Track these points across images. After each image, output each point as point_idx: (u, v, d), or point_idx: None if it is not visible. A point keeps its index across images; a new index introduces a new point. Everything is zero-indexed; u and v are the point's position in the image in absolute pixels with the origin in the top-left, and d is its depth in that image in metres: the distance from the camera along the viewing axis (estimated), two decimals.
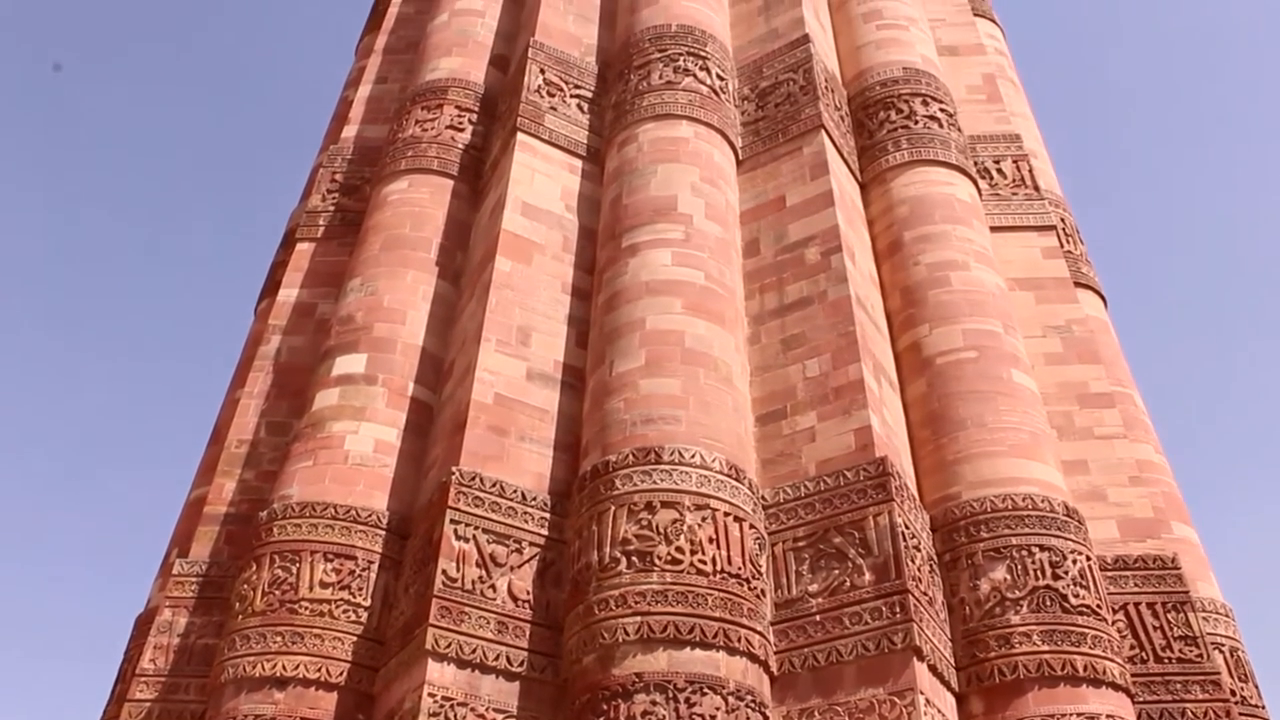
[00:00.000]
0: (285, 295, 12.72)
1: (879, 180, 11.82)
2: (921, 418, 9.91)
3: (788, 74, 12.17)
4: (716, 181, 11.02)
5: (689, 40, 12.37)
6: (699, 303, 9.76)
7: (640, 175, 10.94)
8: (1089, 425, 10.71)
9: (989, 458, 9.41)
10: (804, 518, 8.68)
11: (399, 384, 10.51)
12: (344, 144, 14.23)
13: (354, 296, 11.24)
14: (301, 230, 13.34)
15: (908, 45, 13.26)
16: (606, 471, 8.66)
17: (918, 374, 10.15)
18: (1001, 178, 12.81)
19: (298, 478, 9.86)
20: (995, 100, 13.93)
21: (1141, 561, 9.71)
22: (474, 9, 14.42)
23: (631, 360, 9.34)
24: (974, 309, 10.43)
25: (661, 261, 10.04)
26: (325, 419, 10.24)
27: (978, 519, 9.00)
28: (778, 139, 11.60)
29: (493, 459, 9.11)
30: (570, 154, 11.85)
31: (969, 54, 14.55)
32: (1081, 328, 11.50)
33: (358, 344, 10.77)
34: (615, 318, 9.79)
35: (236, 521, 10.88)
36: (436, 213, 11.96)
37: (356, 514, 9.51)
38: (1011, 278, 11.51)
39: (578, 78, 12.72)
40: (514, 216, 10.83)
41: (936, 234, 11.07)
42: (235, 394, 12.53)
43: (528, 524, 8.83)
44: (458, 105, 13.04)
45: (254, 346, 12.73)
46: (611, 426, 9.01)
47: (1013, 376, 10.00)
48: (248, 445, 11.51)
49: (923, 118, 12.24)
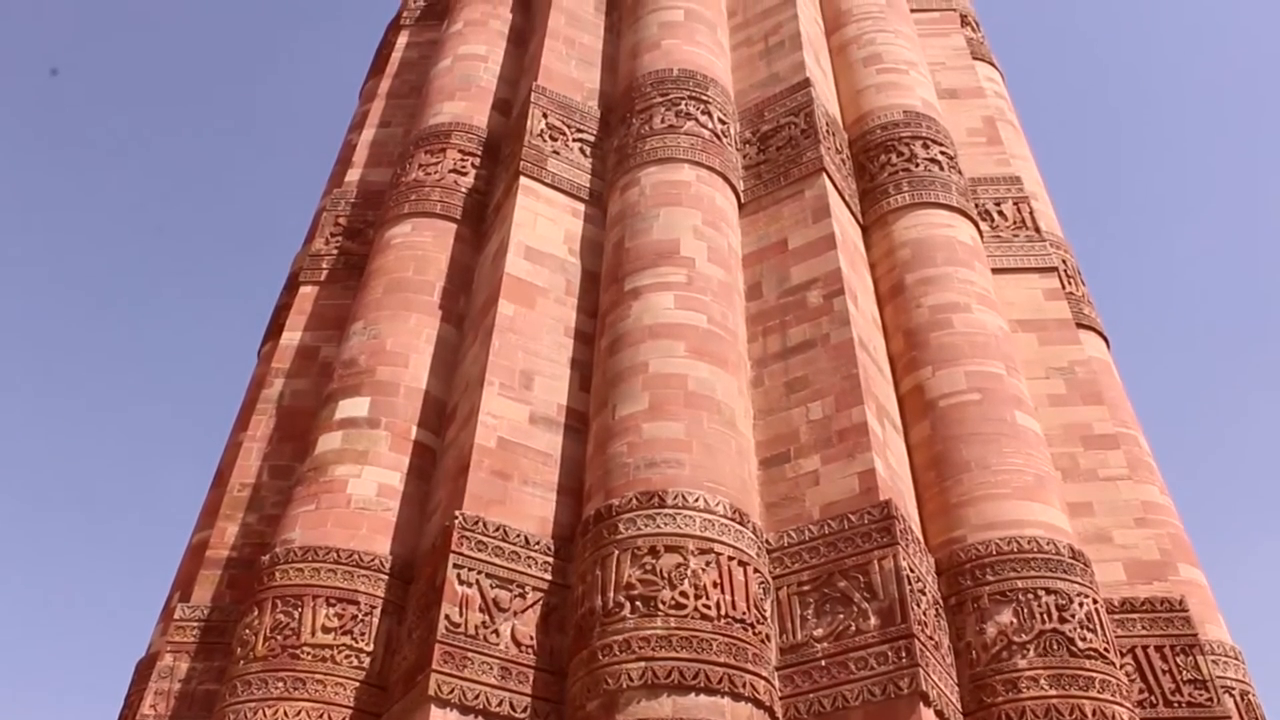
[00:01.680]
0: (288, 338, 12.73)
1: (880, 223, 11.85)
2: (925, 460, 9.87)
3: (789, 118, 12.24)
4: (719, 225, 11.05)
5: (690, 84, 12.46)
6: (702, 346, 9.76)
7: (643, 219, 10.98)
8: (1093, 467, 10.66)
9: (993, 500, 9.37)
10: (808, 561, 8.63)
11: (402, 428, 10.50)
12: (348, 188, 14.30)
13: (357, 340, 11.25)
14: (305, 273, 13.38)
15: (908, 89, 13.34)
16: (610, 516, 8.63)
17: (921, 416, 10.13)
18: (1003, 220, 12.84)
19: (300, 521, 9.84)
20: (995, 143, 13.98)
21: (1149, 604, 9.63)
22: (477, 54, 14.54)
23: (635, 404, 9.34)
24: (977, 351, 10.42)
25: (664, 305, 10.05)
26: (328, 462, 10.22)
27: (983, 562, 8.95)
28: (779, 182, 11.64)
29: (496, 503, 9.09)
30: (573, 198, 11.91)
31: (969, 97, 14.63)
32: (1084, 369, 11.47)
33: (361, 387, 10.77)
34: (618, 361, 9.79)
35: (239, 565, 10.83)
36: (440, 256, 12.01)
37: (359, 558, 9.48)
38: (1014, 319, 11.50)
39: (580, 122, 12.79)
40: (517, 260, 10.86)
41: (938, 276, 11.08)
42: (238, 437, 12.52)
43: (531, 569, 8.79)
44: (461, 149, 13.13)
45: (257, 389, 12.74)
46: (615, 471, 8.99)
47: (1016, 418, 9.98)
48: (250, 489, 11.49)
49: (923, 160, 12.29)
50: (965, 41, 15.88)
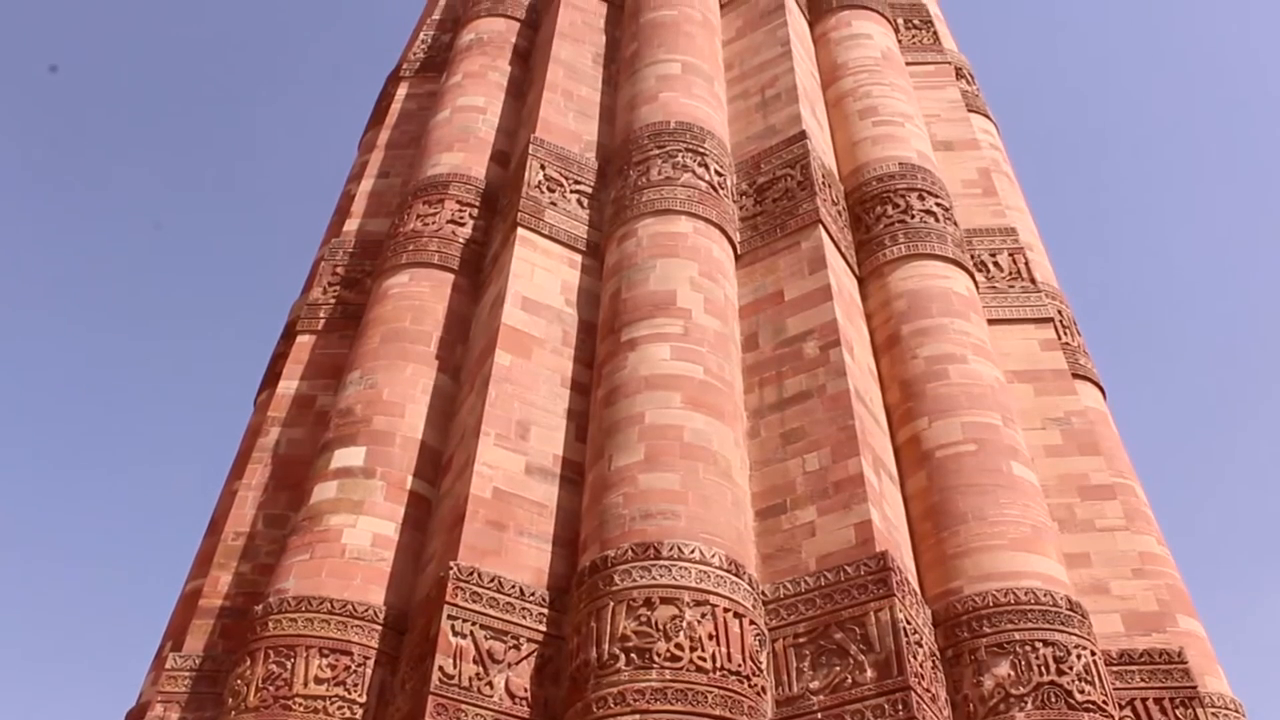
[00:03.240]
0: (285, 387, 12.72)
1: (876, 274, 11.91)
2: (922, 511, 9.86)
3: (785, 170, 12.33)
4: (715, 276, 11.10)
5: (687, 137, 12.55)
6: (698, 397, 9.77)
7: (639, 270, 11.03)
8: (1090, 517, 10.65)
9: (990, 551, 9.35)
10: (805, 613, 8.59)
11: (398, 477, 10.48)
12: (346, 237, 14.35)
13: (353, 389, 11.26)
14: (302, 322, 13.39)
15: (903, 141, 13.44)
16: (605, 567, 8.60)
17: (918, 467, 10.12)
18: (998, 271, 12.90)
19: (294, 571, 9.79)
20: (991, 194, 14.07)
21: (1147, 656, 9.59)
22: (476, 105, 14.65)
23: (630, 455, 9.33)
24: (973, 402, 10.43)
25: (660, 356, 10.07)
26: (323, 512, 10.20)
27: (980, 614, 8.91)
28: (776, 234, 11.70)
29: (491, 554, 9.05)
30: (570, 249, 11.95)
31: (964, 149, 14.73)
32: (1081, 419, 11.48)
33: (357, 437, 10.76)
34: (614, 412, 9.80)
35: (232, 615, 10.76)
36: (437, 306, 12.04)
37: (353, 609, 9.43)
38: (1010, 370, 11.52)
39: (578, 173, 12.88)
40: (514, 311, 10.89)
41: (934, 327, 11.11)
42: (233, 485, 12.49)
43: (526, 620, 8.75)
44: (459, 200, 13.19)
45: (253, 438, 12.72)
46: (610, 521, 8.97)
47: (1013, 469, 9.97)
48: (245, 537, 11.43)
49: (919, 212, 12.37)
50: (960, 94, 16.00)
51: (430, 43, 17.60)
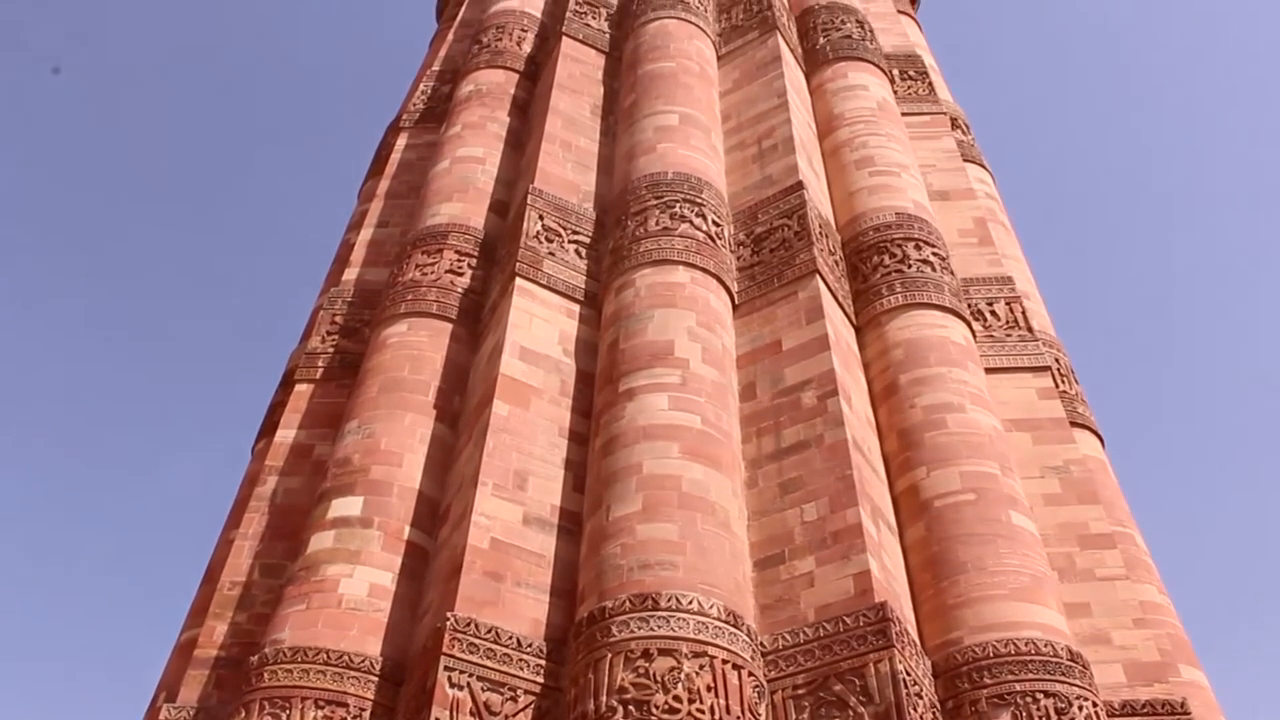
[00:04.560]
0: (283, 436, 12.71)
1: (874, 323, 11.94)
2: (921, 561, 9.83)
3: (782, 220, 12.39)
4: (713, 326, 11.13)
5: (685, 187, 12.63)
6: (696, 447, 9.77)
7: (637, 320, 11.06)
8: (1090, 566, 10.62)
9: (990, 601, 9.31)
10: (803, 665, 8.54)
11: (395, 527, 10.45)
12: (345, 286, 14.38)
13: (351, 438, 11.25)
14: (300, 371, 13.39)
15: (900, 191, 13.51)
16: (603, 618, 8.55)
17: (916, 517, 10.10)
18: (995, 319, 12.94)
19: (290, 621, 9.74)
20: (987, 243, 14.14)
21: (1150, 706, 9.53)
22: (475, 156, 14.74)
23: (628, 505, 9.32)
24: (971, 451, 10.42)
25: (658, 406, 10.08)
26: (320, 562, 10.15)
27: (980, 664, 8.86)
28: (773, 283, 11.75)
29: (488, 604, 9.02)
30: (568, 299, 11.99)
31: (960, 198, 14.81)
32: (1080, 468, 11.47)
33: (354, 486, 10.74)
34: (612, 462, 9.79)
35: (227, 665, 10.68)
36: (435, 356, 12.05)
37: (349, 660, 9.36)
38: (1008, 419, 11.52)
39: (576, 223, 12.94)
40: (512, 361, 10.90)
41: (932, 376, 11.12)
42: (230, 534, 12.43)
43: (523, 671, 8.70)
44: (457, 250, 13.24)
45: (250, 487, 12.68)
46: (608, 572, 8.94)
47: (1012, 518, 9.95)
48: (241, 587, 11.37)
49: (916, 261, 12.42)
50: (956, 144, 16.13)
51: (430, 93, 17.73)
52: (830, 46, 16.30)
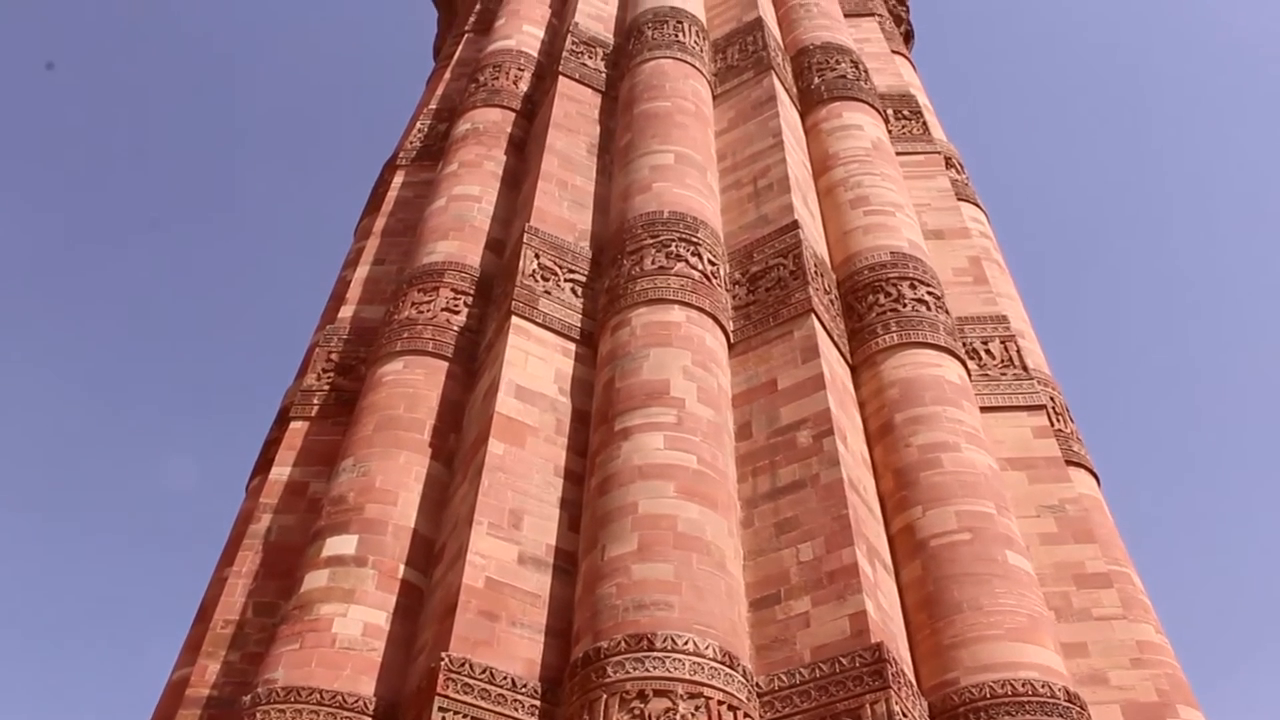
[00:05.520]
0: (278, 473, 12.69)
1: (869, 362, 11.96)
2: (917, 601, 9.80)
3: (778, 259, 12.43)
4: (709, 365, 11.14)
5: (681, 226, 12.67)
6: (692, 486, 9.75)
7: (633, 359, 11.07)
8: (1087, 606, 10.58)
9: (986, 642, 9.27)
10: (800, 705, 8.49)
11: (390, 566, 10.41)
12: (341, 324, 14.39)
13: (346, 476, 11.22)
14: (296, 408, 13.39)
15: (894, 230, 13.57)
16: (598, 658, 8.51)
17: (912, 557, 10.08)
18: (990, 358, 12.96)
19: (283, 661, 9.68)
20: (982, 282, 14.18)
21: None
22: (471, 194, 14.80)
23: (624, 544, 9.29)
24: (967, 490, 10.42)
25: (654, 445, 10.07)
26: (314, 601, 10.11)
27: (977, 705, 8.81)
28: (769, 323, 11.77)
29: (483, 644, 8.97)
30: (564, 337, 12.01)
31: (954, 237, 14.87)
32: (1075, 507, 11.45)
33: (349, 525, 10.70)
34: (607, 501, 9.78)
35: (219, 705, 10.60)
36: (431, 394, 12.05)
37: (343, 700, 9.30)
38: (1003, 458, 11.52)
39: (572, 262, 12.98)
40: (507, 399, 10.90)
41: (927, 415, 11.13)
42: (223, 572, 12.38)
43: (518, 712, 8.64)
44: (454, 288, 13.27)
45: (244, 524, 12.65)
46: (603, 612, 8.90)
47: (1008, 558, 9.93)
48: (234, 625, 11.32)
49: (911, 301, 12.46)
50: (950, 183, 16.20)
51: (427, 131, 17.81)
52: (825, 86, 16.42)
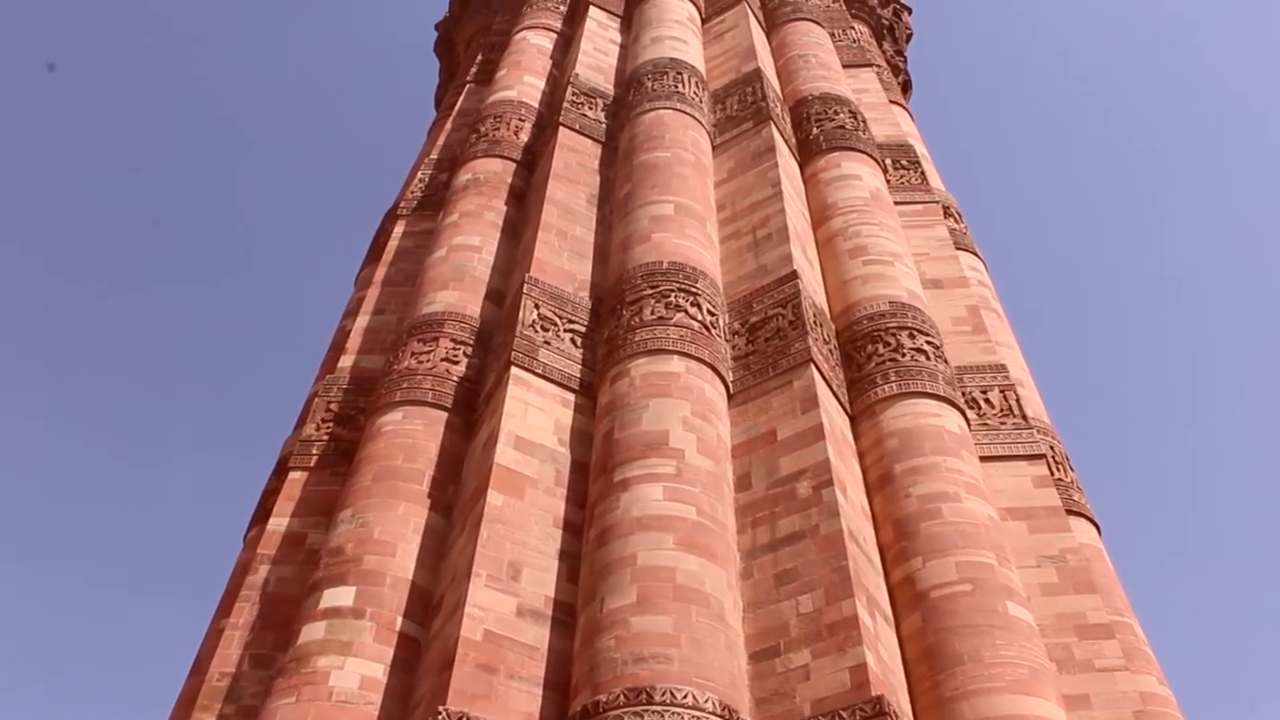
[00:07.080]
0: (275, 524, 12.63)
1: (868, 413, 11.96)
2: (918, 653, 9.74)
3: (777, 309, 12.47)
4: (708, 416, 11.14)
5: (680, 277, 12.71)
6: (691, 538, 9.72)
7: (632, 410, 11.06)
8: (1089, 657, 10.51)
9: (987, 694, 9.21)
10: None
11: (387, 618, 10.35)
12: (340, 374, 14.39)
13: (344, 528, 11.18)
14: (295, 459, 13.35)
15: (893, 280, 13.61)
16: (597, 712, 8.45)
17: (912, 608, 10.03)
18: (990, 407, 12.95)
19: (280, 714, 9.59)
20: (980, 331, 14.19)
21: None
22: (471, 245, 14.85)
23: (623, 597, 9.25)
24: (967, 541, 10.38)
25: (653, 496, 10.05)
26: (311, 653, 10.04)
27: None
28: (768, 373, 11.78)
29: (481, 698, 8.90)
30: (563, 388, 12.01)
31: (953, 286, 14.91)
32: (1076, 557, 11.40)
33: (347, 576, 10.64)
34: (606, 553, 9.74)
35: None
36: (430, 444, 12.03)
37: None
38: (1003, 507, 11.49)
39: (571, 312, 13.00)
40: (507, 450, 10.88)
41: (927, 466, 11.12)
42: (219, 624, 12.29)
43: None
44: (453, 338, 13.28)
45: (241, 575, 12.58)
46: (602, 665, 8.84)
47: (1008, 609, 9.88)
48: (230, 678, 11.22)
49: (910, 350, 12.47)
50: (948, 232, 16.27)
51: (428, 181, 17.90)
52: (824, 136, 16.53)
